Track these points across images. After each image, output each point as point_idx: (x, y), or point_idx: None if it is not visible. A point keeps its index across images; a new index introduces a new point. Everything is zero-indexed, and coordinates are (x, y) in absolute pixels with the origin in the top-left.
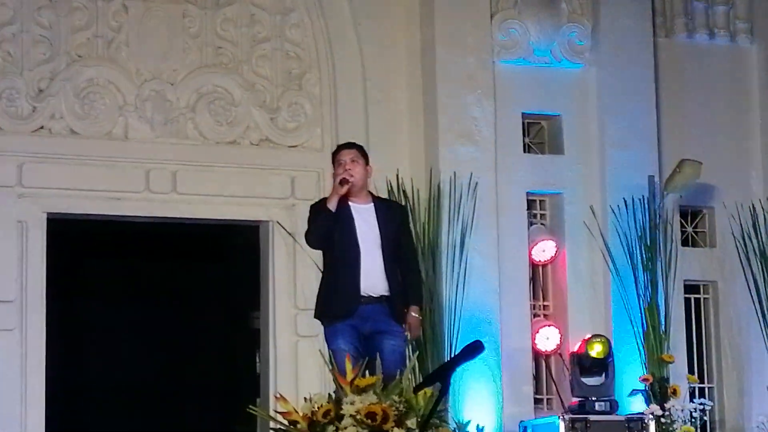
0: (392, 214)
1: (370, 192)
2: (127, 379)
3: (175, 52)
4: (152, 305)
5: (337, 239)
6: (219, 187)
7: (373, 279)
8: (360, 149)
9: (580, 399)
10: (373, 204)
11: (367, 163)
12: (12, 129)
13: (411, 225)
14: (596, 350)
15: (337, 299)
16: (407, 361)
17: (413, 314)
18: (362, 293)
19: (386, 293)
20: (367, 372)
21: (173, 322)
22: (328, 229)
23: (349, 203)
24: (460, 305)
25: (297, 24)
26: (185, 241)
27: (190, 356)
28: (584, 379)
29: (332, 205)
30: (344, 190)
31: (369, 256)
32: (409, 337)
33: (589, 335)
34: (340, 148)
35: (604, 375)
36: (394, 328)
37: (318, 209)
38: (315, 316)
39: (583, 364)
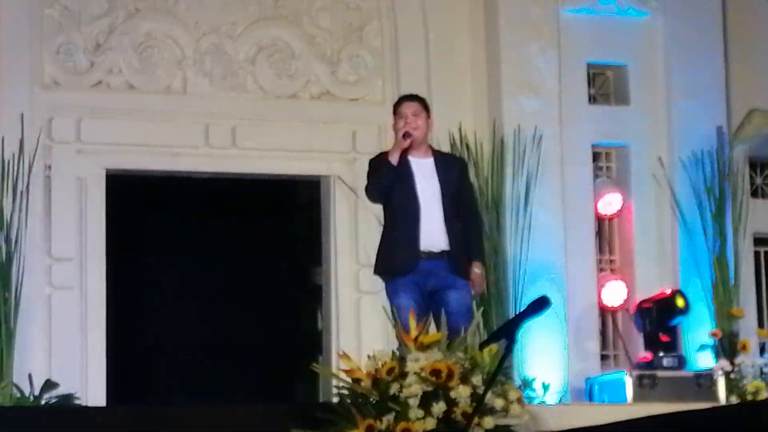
0: (452, 168)
1: (429, 146)
2: (187, 336)
3: (233, 5)
4: (212, 261)
5: (396, 194)
6: (279, 142)
7: (433, 234)
8: (422, 102)
9: (654, 354)
10: (432, 158)
11: (428, 116)
12: (70, 84)
13: (471, 179)
14: (680, 304)
15: (396, 255)
16: (474, 314)
17: (476, 270)
18: (422, 249)
19: (447, 248)
20: (432, 327)
21: (233, 278)
22: (390, 182)
23: (409, 157)
24: (525, 260)
25: None
26: (245, 196)
27: (251, 313)
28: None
29: (394, 159)
30: (407, 143)
31: (429, 210)
32: (473, 293)
33: (668, 290)
34: (402, 99)
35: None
36: (459, 281)
37: (378, 163)
38: (375, 272)
39: (665, 316)
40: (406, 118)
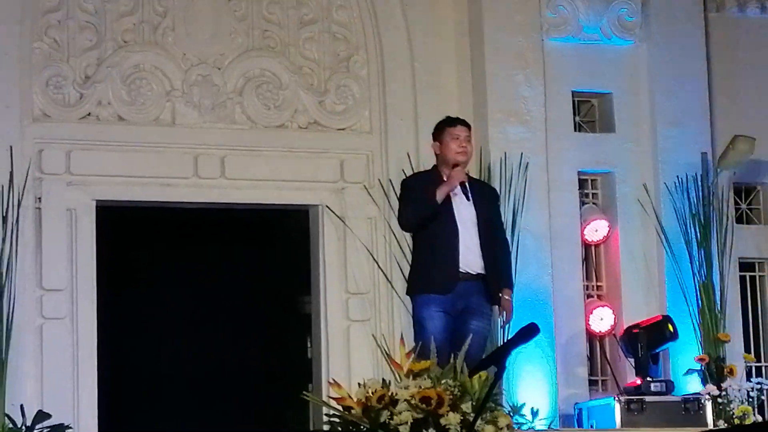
0: (486, 195)
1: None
2: (177, 365)
3: (221, 36)
4: (202, 291)
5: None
6: (268, 172)
7: (471, 256)
8: (470, 128)
9: (644, 379)
10: (467, 182)
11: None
12: (59, 116)
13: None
14: (670, 330)
15: (436, 275)
16: (487, 345)
17: (506, 297)
18: (461, 269)
19: (482, 271)
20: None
21: (223, 308)
22: (430, 220)
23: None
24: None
25: (343, 5)
26: (235, 226)
27: (241, 342)
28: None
29: (441, 198)
30: (455, 187)
31: (466, 233)
32: (504, 321)
33: (659, 316)
34: (455, 122)
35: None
36: (485, 309)
37: (412, 187)
38: (409, 293)
39: (655, 342)
40: (460, 141)
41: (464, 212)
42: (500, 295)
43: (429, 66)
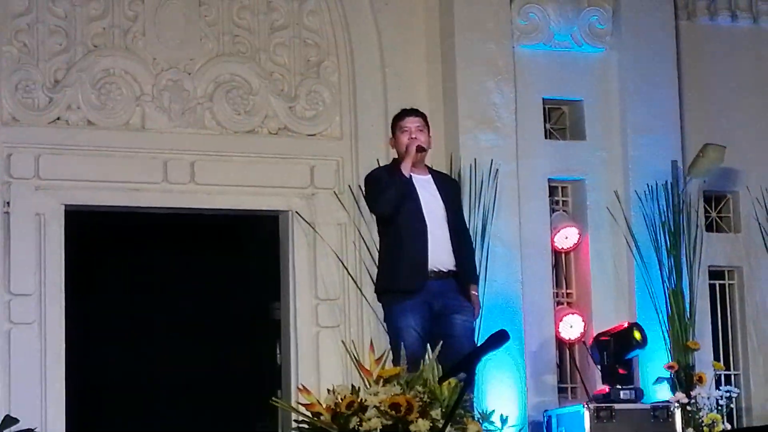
0: (449, 187)
1: (425, 164)
2: (146, 372)
3: (191, 41)
4: (171, 296)
5: (402, 211)
6: (238, 177)
7: (441, 253)
8: (425, 117)
9: (612, 386)
10: (431, 176)
11: (429, 132)
12: (28, 120)
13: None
14: (637, 337)
15: (405, 274)
16: (476, 339)
17: (474, 292)
18: (431, 268)
19: (454, 268)
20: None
21: (192, 314)
22: (402, 194)
23: (410, 174)
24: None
25: (314, 11)
26: (204, 231)
27: (210, 348)
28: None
29: (407, 171)
30: (419, 157)
31: (435, 228)
32: (473, 316)
33: (625, 323)
34: (405, 114)
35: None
36: (464, 304)
37: (379, 178)
38: (378, 292)
39: (622, 350)
40: (410, 132)
41: (432, 205)
42: (469, 290)
43: (400, 72)
